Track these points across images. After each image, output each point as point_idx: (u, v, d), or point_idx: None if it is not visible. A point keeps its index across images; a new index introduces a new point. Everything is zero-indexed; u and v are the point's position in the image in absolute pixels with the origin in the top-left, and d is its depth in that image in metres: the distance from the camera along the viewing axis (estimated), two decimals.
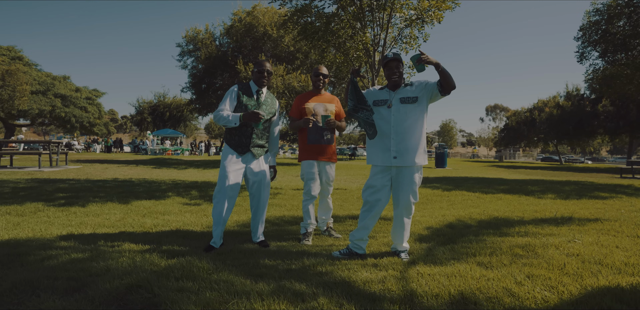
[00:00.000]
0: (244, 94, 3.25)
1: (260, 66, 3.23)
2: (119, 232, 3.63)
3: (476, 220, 4.84)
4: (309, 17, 7.31)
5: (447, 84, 2.79)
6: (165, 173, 11.17)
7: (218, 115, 3.15)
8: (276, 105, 3.40)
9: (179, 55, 20.73)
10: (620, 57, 11.79)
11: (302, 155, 3.58)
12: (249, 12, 19.04)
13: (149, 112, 41.86)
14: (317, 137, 3.50)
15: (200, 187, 7.49)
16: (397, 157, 2.93)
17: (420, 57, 2.70)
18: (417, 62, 2.70)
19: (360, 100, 2.96)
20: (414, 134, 2.94)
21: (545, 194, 8.28)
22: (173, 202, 5.63)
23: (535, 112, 30.07)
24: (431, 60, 2.70)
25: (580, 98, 25.84)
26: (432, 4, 6.52)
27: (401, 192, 2.99)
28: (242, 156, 3.22)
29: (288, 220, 4.48)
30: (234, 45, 18.87)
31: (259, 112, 2.99)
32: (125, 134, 76.41)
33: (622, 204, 6.89)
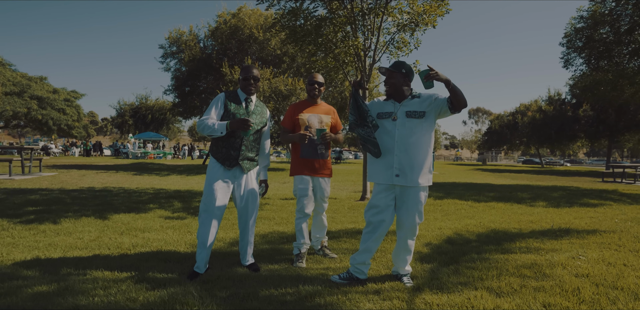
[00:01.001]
0: (231, 102, 2.97)
1: (246, 73, 2.96)
2: (93, 255, 3.28)
3: (474, 234, 4.66)
4: (299, 19, 7.04)
5: (458, 102, 2.57)
6: (147, 180, 10.70)
7: (202, 124, 2.84)
8: (267, 114, 3.13)
9: (161, 57, 20.13)
10: (603, 64, 11.94)
11: (295, 169, 3.31)
12: (234, 14, 18.66)
13: (130, 115, 40.76)
14: (310, 152, 3.24)
15: (183, 198, 7.11)
16: (400, 176, 2.70)
17: (428, 73, 2.47)
18: (425, 78, 2.48)
19: (361, 115, 2.73)
20: (419, 152, 2.71)
21: (536, 201, 8.24)
22: (154, 215, 5.27)
23: (518, 116, 30.54)
24: (440, 77, 2.48)
25: (561, 103, 26.36)
26: (426, 9, 6.36)
27: (406, 213, 2.76)
28: (230, 170, 2.93)
29: (279, 237, 4.20)
30: (218, 47, 18.43)
31: (248, 119, 2.71)
32: (106, 136, 74.46)
33: (613, 213, 6.88)
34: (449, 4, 6.35)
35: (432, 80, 2.49)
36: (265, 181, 3.17)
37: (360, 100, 2.76)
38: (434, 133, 2.82)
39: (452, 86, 2.52)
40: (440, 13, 6.43)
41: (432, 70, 2.47)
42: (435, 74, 2.46)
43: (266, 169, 3.20)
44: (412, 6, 6.69)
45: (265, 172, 3.19)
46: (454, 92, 2.54)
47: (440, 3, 6.39)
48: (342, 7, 7.14)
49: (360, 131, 2.75)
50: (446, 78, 2.50)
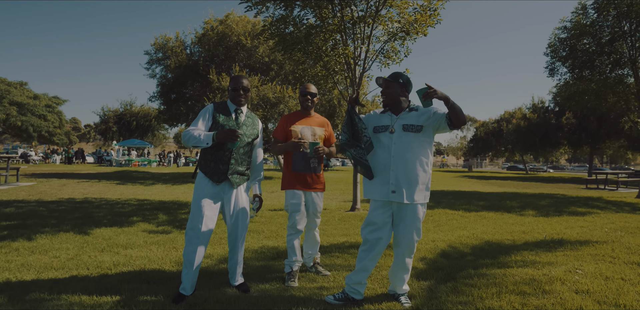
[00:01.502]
0: (220, 113, 2.83)
1: (236, 83, 2.83)
2: (70, 276, 3.06)
3: (469, 247, 4.58)
4: (288, 27, 6.95)
5: (458, 119, 2.49)
6: (130, 190, 10.36)
7: (187, 135, 2.69)
8: (259, 126, 2.99)
9: (147, 64, 19.78)
10: (587, 74, 12.19)
11: (286, 183, 3.17)
12: (221, 21, 18.52)
13: (114, 121, 39.97)
14: (302, 165, 3.11)
15: (168, 209, 6.87)
16: (396, 192, 2.59)
17: (427, 92, 2.38)
18: (424, 97, 2.38)
19: (355, 134, 2.62)
20: (416, 167, 2.61)
21: (525, 210, 8.26)
22: (137, 229, 5.03)
23: (503, 123, 31.03)
24: (439, 95, 2.38)
25: (545, 110, 26.91)
26: (417, 18, 6.35)
27: (403, 230, 2.65)
28: (218, 186, 2.78)
29: (269, 252, 4.03)
30: (205, 54, 18.23)
31: (236, 130, 2.57)
32: (89, 143, 72.85)
33: (602, 221, 6.92)
34: (440, 15, 6.37)
35: (431, 99, 2.40)
36: (259, 196, 3.00)
37: (357, 118, 2.65)
38: (432, 148, 2.72)
39: (452, 104, 2.43)
40: (430, 23, 6.43)
41: (430, 88, 2.38)
42: (433, 92, 2.37)
43: (259, 182, 3.04)
44: (402, 15, 6.68)
45: (259, 186, 3.03)
46: (453, 110, 2.45)
47: (431, 13, 6.39)
48: (332, 15, 7.10)
49: (352, 152, 2.64)
50: (445, 96, 2.41)
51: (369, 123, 2.78)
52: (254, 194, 2.99)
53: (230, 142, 2.62)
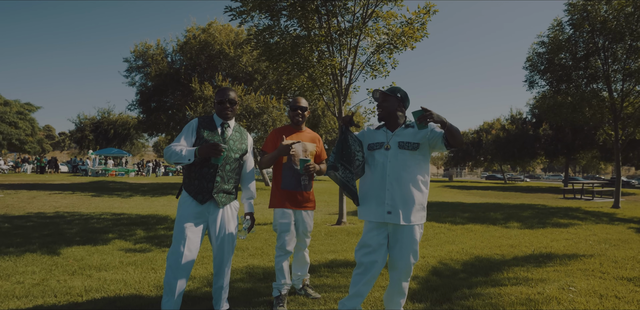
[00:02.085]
0: (205, 128, 2.66)
1: (221, 96, 2.66)
2: (34, 306, 2.78)
3: (460, 263, 4.49)
4: (274, 36, 6.84)
5: (455, 141, 2.39)
6: (106, 203, 9.90)
7: (169, 151, 2.53)
8: (248, 141, 2.81)
9: (126, 71, 19.32)
10: (564, 87, 12.54)
11: (275, 201, 3.00)
12: (204, 29, 18.32)
13: (91, 129, 38.74)
14: (292, 183, 2.95)
15: (147, 224, 6.54)
16: (392, 213, 2.46)
17: (423, 115, 2.26)
18: (419, 120, 2.27)
19: (346, 157, 2.49)
20: (412, 186, 2.50)
21: (509, 222, 8.29)
22: (113, 248, 4.73)
23: (482, 134, 31.70)
24: (435, 118, 2.26)
25: (523, 122, 27.68)
26: (404, 31, 6.35)
27: (400, 253, 2.51)
28: (203, 205, 2.58)
29: (255, 273, 3.82)
30: (187, 62, 17.94)
31: (219, 144, 2.40)
32: (63, 152, 70.39)
33: (585, 233, 7.00)
34: (426, 29, 6.39)
35: (426, 123, 2.29)
36: (251, 214, 2.77)
37: (351, 139, 2.52)
38: (429, 166, 2.61)
39: (448, 127, 2.33)
40: (417, 37, 6.45)
41: (426, 111, 2.27)
42: (429, 115, 2.25)
43: (251, 199, 2.82)
44: (389, 28, 6.69)
45: (251, 205, 2.81)
46: (450, 133, 2.35)
47: (419, 26, 6.41)
48: (319, 26, 7.05)
49: (339, 174, 2.51)
50: (441, 119, 2.29)
51: (363, 140, 2.67)
52: (245, 212, 2.79)
53: (213, 158, 2.45)
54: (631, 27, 10.97)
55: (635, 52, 11.31)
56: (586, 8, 11.44)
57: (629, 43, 11.26)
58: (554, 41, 12.31)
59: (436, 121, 2.27)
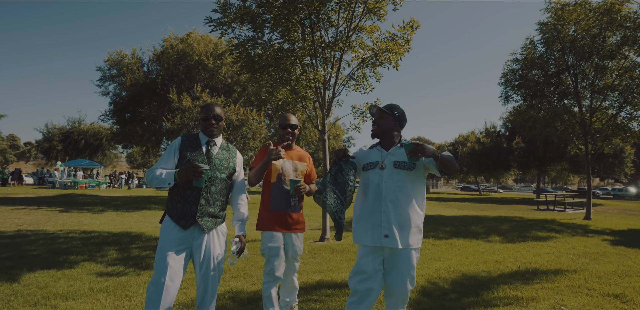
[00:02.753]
0: (188, 147, 2.48)
1: (206, 112, 2.49)
2: None
3: (448, 281, 4.40)
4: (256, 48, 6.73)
5: (448, 170, 2.34)
6: (75, 219, 9.34)
7: (150, 175, 2.37)
8: (237, 159, 2.62)
9: (99, 80, 18.67)
10: (537, 102, 12.98)
11: (263, 223, 2.83)
12: (182, 39, 18.04)
13: (59, 139, 37.13)
14: (282, 203, 2.79)
15: (120, 243, 6.15)
16: (389, 237, 2.34)
17: (414, 149, 2.18)
18: (409, 154, 2.19)
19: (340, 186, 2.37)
20: (409, 208, 2.40)
21: (490, 235, 8.36)
22: (82, 271, 4.38)
23: (458, 146, 32.43)
24: (427, 153, 2.19)
25: (497, 135, 28.54)
26: (389, 46, 6.38)
27: (396, 279, 2.38)
28: (186, 231, 2.39)
29: (239, 298, 3.59)
30: (164, 72, 17.54)
31: (198, 165, 2.23)
32: (29, 163, 67.15)
33: (564, 247, 7.12)
34: (410, 43, 6.45)
35: (417, 158, 2.21)
36: (241, 236, 2.52)
37: (347, 169, 2.38)
38: (425, 187, 2.52)
39: (441, 160, 2.26)
40: (401, 53, 6.50)
41: (417, 146, 2.19)
42: (420, 150, 2.17)
43: (242, 221, 2.57)
44: (375, 42, 6.72)
45: (241, 226, 2.57)
46: (443, 165, 2.29)
47: (403, 42, 6.47)
48: (301, 38, 7.00)
49: (331, 203, 2.38)
50: (433, 154, 2.22)
51: (357, 161, 2.56)
52: (236, 234, 2.56)
53: (195, 180, 2.28)
54: (597, 47, 11.54)
55: (602, 71, 11.87)
56: (557, 27, 11.97)
57: (596, 62, 11.82)
58: (527, 58, 12.79)
59: (427, 156, 2.20)
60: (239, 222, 2.57)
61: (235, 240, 2.50)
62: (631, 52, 11.53)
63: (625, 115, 12.29)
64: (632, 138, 12.64)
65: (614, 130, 12.39)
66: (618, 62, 11.79)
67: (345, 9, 6.69)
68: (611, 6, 11.04)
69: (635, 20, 10.99)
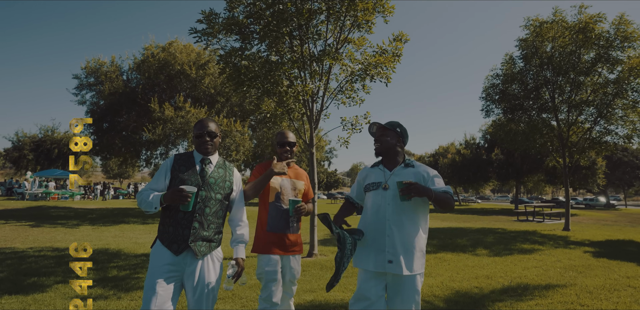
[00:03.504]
0: (180, 166, 2.33)
1: (199, 128, 2.34)
2: None
3: (442, 300, 4.31)
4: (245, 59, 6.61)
5: (444, 209, 2.28)
6: (47, 235, 8.82)
7: (139, 198, 2.22)
8: (234, 177, 2.45)
9: (75, 89, 18.09)
10: (517, 116, 13.33)
11: (260, 245, 2.66)
12: (164, 48, 17.74)
13: (30, 148, 35.63)
14: (281, 224, 2.64)
15: (97, 263, 5.80)
16: (394, 262, 2.23)
17: (407, 188, 2.11)
18: (402, 192, 2.12)
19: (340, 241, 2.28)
20: (414, 231, 2.31)
21: (477, 248, 8.38)
22: (55, 295, 4.06)
23: (439, 157, 32.93)
24: (420, 193, 2.12)
25: (477, 147, 29.18)
26: (378, 60, 6.40)
27: (401, 305, 2.26)
28: (178, 257, 2.21)
29: None
30: (145, 81, 17.15)
31: (182, 189, 2.07)
32: None
33: (550, 259, 7.18)
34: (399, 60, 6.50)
35: (409, 198, 2.13)
36: (239, 260, 2.30)
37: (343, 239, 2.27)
38: (428, 210, 2.43)
39: (435, 198, 2.19)
40: (392, 67, 6.52)
41: (410, 184, 2.11)
42: (414, 189, 2.10)
43: (242, 244, 2.38)
44: (363, 55, 6.73)
45: (240, 249, 2.36)
46: (438, 204, 2.23)
47: (390, 56, 6.50)
48: (290, 50, 6.94)
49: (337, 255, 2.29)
50: (427, 193, 2.14)
51: (360, 180, 2.48)
52: (234, 257, 2.34)
53: (181, 204, 2.12)
54: (573, 64, 11.99)
55: (578, 86, 12.32)
56: (535, 44, 12.40)
57: (572, 77, 12.27)
58: (507, 73, 13.16)
59: (420, 195, 2.13)
60: (239, 244, 2.38)
61: (232, 263, 2.30)
62: (604, 69, 12.04)
63: (600, 129, 12.74)
64: (607, 151, 13.09)
65: (590, 143, 12.81)
66: (592, 78, 12.27)
67: (334, 20, 6.70)
68: (586, 25, 11.53)
69: (607, 39, 11.51)
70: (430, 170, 2.42)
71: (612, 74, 12.05)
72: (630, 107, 11.78)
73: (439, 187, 2.33)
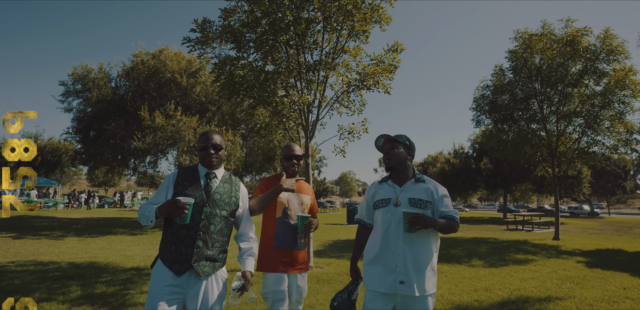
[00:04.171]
0: (185, 180, 2.22)
1: (204, 141, 2.24)
2: None
3: None
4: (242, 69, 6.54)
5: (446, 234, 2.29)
6: (30, 248, 8.48)
7: (139, 212, 2.13)
8: (240, 192, 2.34)
9: (62, 96, 17.70)
10: (507, 126, 13.50)
11: (266, 263, 2.54)
12: (154, 55, 17.55)
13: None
14: (289, 241, 2.54)
15: (84, 278, 5.55)
16: (406, 283, 2.14)
17: (414, 219, 2.07)
18: (408, 223, 2.07)
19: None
20: (426, 249, 2.23)
21: (472, 259, 8.34)
22: None
23: (428, 166, 33.13)
24: (426, 225, 2.09)
25: (466, 156, 29.47)
26: (375, 70, 6.40)
27: None
28: (180, 277, 2.09)
29: None
30: (134, 89, 16.90)
31: (178, 200, 1.96)
32: None
33: (545, 270, 7.18)
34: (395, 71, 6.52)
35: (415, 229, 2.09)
36: (247, 273, 2.15)
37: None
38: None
39: (440, 227, 2.17)
40: (389, 77, 6.53)
41: (417, 217, 2.06)
42: (421, 222, 2.06)
43: (252, 258, 2.25)
44: (358, 65, 6.73)
45: (249, 262, 2.22)
46: (440, 231, 2.21)
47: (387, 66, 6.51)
48: (285, 60, 6.90)
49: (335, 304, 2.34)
50: (432, 224, 2.11)
51: (368, 197, 2.40)
52: (242, 270, 2.19)
53: (178, 218, 2.01)
54: (561, 75, 12.25)
55: (566, 97, 12.57)
56: (524, 56, 12.64)
57: (560, 89, 12.52)
58: (496, 84, 13.37)
59: (426, 227, 2.10)
60: (249, 257, 2.24)
61: (239, 274, 2.14)
62: (591, 81, 12.32)
63: (587, 140, 12.97)
64: (594, 161, 13.32)
65: (578, 153, 13.02)
66: (580, 90, 12.54)
67: (330, 30, 6.69)
68: (573, 38, 11.82)
69: (594, 52, 11.81)
70: (440, 189, 2.35)
71: (599, 86, 12.33)
72: (616, 118, 12.03)
73: (447, 211, 2.29)
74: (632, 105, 11.87)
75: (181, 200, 1.96)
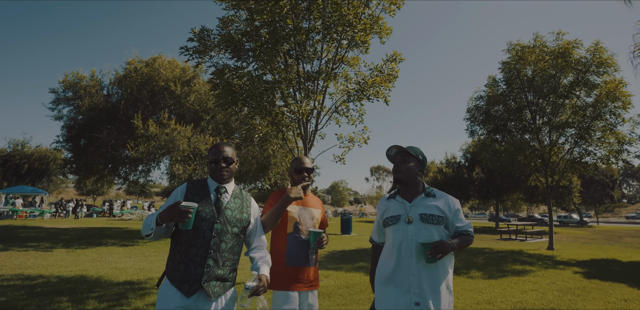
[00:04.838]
0: (193, 196, 2.13)
1: (214, 153, 2.16)
2: None
3: None
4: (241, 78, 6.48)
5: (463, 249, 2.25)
6: (17, 260, 8.16)
7: (144, 222, 2.04)
8: (252, 208, 2.25)
9: (52, 103, 17.40)
10: (500, 136, 13.62)
11: (277, 281, 2.42)
12: (147, 63, 17.42)
13: None
14: (301, 257, 2.44)
15: (74, 293, 5.33)
16: (421, 304, 2.05)
17: (435, 249, 1.99)
18: (430, 254, 1.99)
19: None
20: (441, 267, 2.15)
21: (470, 270, 8.28)
22: None
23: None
24: (447, 251, 2.02)
25: (458, 166, 29.68)
26: (375, 81, 6.40)
27: None
28: (189, 299, 1.98)
29: None
30: (127, 97, 16.70)
31: (180, 202, 1.88)
32: None
33: (544, 281, 7.14)
34: (395, 81, 6.53)
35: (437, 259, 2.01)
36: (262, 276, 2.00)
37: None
38: None
39: (458, 249, 2.14)
40: (388, 86, 6.53)
41: (438, 245, 1.99)
42: (442, 249, 1.99)
43: (267, 265, 2.13)
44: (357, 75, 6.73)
45: (265, 268, 2.09)
46: (460, 249, 2.17)
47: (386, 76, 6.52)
48: (284, 70, 6.87)
49: None
50: (452, 249, 2.07)
51: (380, 217, 2.33)
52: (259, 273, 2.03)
53: (180, 223, 1.93)
54: (553, 87, 12.45)
55: (558, 108, 12.75)
56: (517, 67, 12.84)
57: (553, 100, 12.71)
58: (490, 95, 13.53)
59: (447, 253, 2.02)
60: (263, 264, 2.12)
61: (255, 275, 1.98)
62: (582, 93, 12.53)
63: (580, 150, 13.14)
64: (586, 171, 13.47)
65: (571, 163, 13.16)
66: (572, 101, 12.74)
67: (329, 40, 6.70)
68: (565, 50, 12.05)
69: (585, 64, 12.05)
70: (452, 202, 2.27)
71: (590, 98, 12.55)
72: (607, 129, 12.22)
73: (462, 226, 2.23)
74: (622, 117, 12.09)
75: (183, 203, 1.87)
